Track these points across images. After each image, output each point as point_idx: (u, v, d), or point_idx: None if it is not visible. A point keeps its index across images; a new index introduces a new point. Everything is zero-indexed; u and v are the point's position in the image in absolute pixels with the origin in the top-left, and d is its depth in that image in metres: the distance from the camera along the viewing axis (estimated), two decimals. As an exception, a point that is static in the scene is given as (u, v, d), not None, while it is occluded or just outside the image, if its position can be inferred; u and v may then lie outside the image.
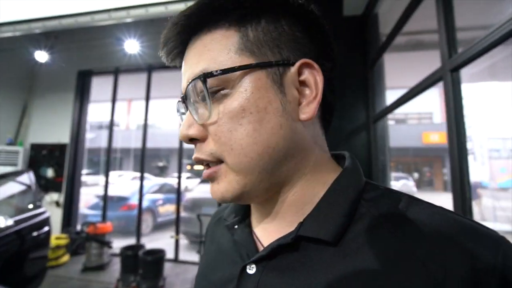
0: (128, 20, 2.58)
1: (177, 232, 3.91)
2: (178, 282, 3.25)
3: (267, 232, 0.35)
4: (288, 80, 0.30)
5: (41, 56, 3.88)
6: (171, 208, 6.50)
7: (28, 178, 2.49)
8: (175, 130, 12.71)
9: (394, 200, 0.30)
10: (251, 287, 0.31)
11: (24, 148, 4.28)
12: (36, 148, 4.38)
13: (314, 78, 0.31)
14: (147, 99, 4.40)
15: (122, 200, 5.62)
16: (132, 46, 3.55)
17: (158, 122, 14.48)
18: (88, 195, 6.18)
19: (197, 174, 12.50)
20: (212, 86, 0.29)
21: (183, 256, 3.97)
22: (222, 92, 0.29)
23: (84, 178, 5.65)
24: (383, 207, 0.30)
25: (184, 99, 0.33)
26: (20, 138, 4.43)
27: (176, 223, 4.01)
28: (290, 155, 0.30)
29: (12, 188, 2.43)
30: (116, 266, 3.55)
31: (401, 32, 1.68)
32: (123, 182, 7.68)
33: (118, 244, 3.82)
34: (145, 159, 4.37)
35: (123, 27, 3.41)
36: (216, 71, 0.29)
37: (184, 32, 0.32)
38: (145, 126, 4.38)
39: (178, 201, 4.18)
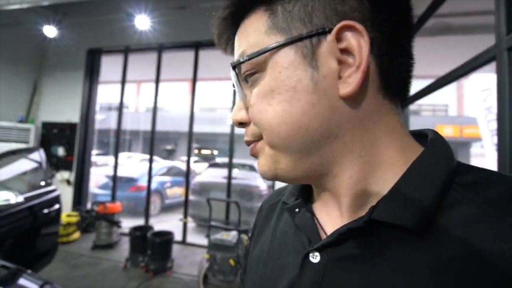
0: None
1: (185, 215, 3.92)
2: (185, 264, 3.28)
3: (330, 217, 0.32)
4: (324, 51, 0.27)
5: (50, 31, 3.79)
6: (178, 190, 6.55)
7: (38, 155, 2.48)
8: (184, 113, 12.70)
9: (508, 186, 0.25)
10: (315, 278, 0.28)
11: (36, 126, 4.29)
12: (47, 127, 4.39)
13: (358, 42, 0.26)
14: (157, 80, 4.31)
15: (131, 181, 5.68)
16: (142, 22, 3.42)
17: (167, 105, 14.45)
18: (98, 175, 6.27)
19: (205, 158, 12.56)
20: (247, 70, 0.30)
21: (190, 238, 4.00)
22: (256, 75, 0.29)
23: (94, 158, 5.71)
24: (491, 194, 0.25)
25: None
26: (31, 116, 4.44)
27: (185, 206, 4.02)
28: (332, 135, 0.28)
29: (23, 165, 2.42)
30: (125, 246, 3.60)
31: (434, 15, 1.51)
32: (132, 164, 7.75)
33: (127, 224, 3.86)
34: (154, 142, 4.35)
35: (133, 1, 3.27)
36: (243, 57, 0.29)
37: (229, 18, 0.32)
38: (154, 109, 4.31)
39: (187, 184, 4.17)
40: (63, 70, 4.53)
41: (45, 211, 2.26)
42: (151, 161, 4.27)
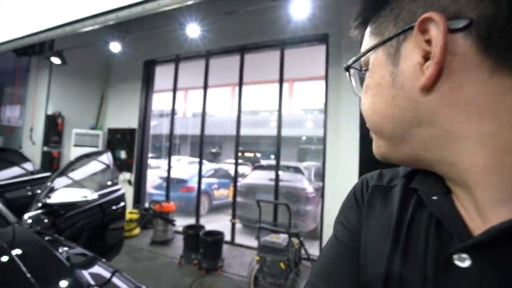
0: (190, 1, 2.59)
1: (234, 216, 4.00)
2: (235, 264, 3.34)
3: (466, 211, 0.27)
4: (409, 46, 0.28)
5: (115, 47, 4.24)
6: (225, 192, 6.75)
7: (107, 158, 2.76)
8: (227, 117, 13.12)
9: None
10: None
11: (103, 132, 4.84)
12: (112, 132, 4.92)
13: (436, 33, 0.26)
14: (205, 86, 4.51)
15: (181, 182, 6.03)
16: (193, 30, 3.61)
17: (211, 110, 15.11)
18: (153, 176, 6.79)
19: (248, 160, 12.78)
20: (361, 68, 0.35)
21: (238, 239, 4.07)
22: (366, 73, 0.34)
23: (148, 161, 6.20)
24: None
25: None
26: (100, 123, 5.03)
27: (233, 207, 4.11)
28: (424, 123, 0.28)
29: (95, 166, 2.73)
30: (179, 243, 3.82)
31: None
32: (182, 166, 8.25)
33: (180, 222, 4.09)
34: (203, 145, 4.55)
35: (185, 11, 3.48)
36: (352, 62, 0.36)
37: (358, 27, 0.37)
38: (203, 114, 4.52)
39: (235, 186, 4.26)
40: (124, 81, 5.04)
41: (113, 207, 2.50)
42: (200, 163, 4.47)
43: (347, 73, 0.37)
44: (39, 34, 3.58)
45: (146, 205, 4.60)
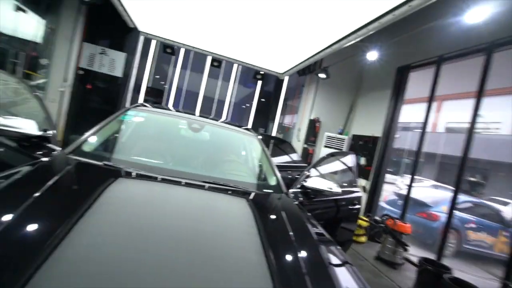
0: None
1: (508, 277, 2.70)
2: None
3: None
4: None
5: (371, 55, 4.40)
6: (487, 238, 4.85)
7: (351, 159, 2.92)
8: (506, 137, 9.27)
9: None
10: None
11: (348, 137, 5.27)
12: (355, 138, 5.21)
13: None
14: (480, 92, 3.42)
15: (421, 206, 5.11)
16: (472, 17, 2.83)
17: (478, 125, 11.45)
18: (385, 191, 6.38)
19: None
20: None
21: (507, 314, 2.71)
22: None
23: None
24: None
25: None
26: (346, 129, 5.53)
27: (510, 266, 2.77)
28: None
29: (339, 164, 2.99)
30: (408, 273, 3.26)
31: None
32: (423, 188, 7.02)
33: (413, 251, 3.48)
34: (464, 170, 3.51)
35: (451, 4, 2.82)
36: None
37: None
38: (470, 129, 3.46)
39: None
40: (373, 90, 5.13)
41: (350, 207, 2.60)
42: (456, 191, 3.49)
43: None
44: (315, 55, 4.54)
45: (377, 217, 4.40)
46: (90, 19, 4.89)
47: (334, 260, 1.14)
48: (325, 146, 5.31)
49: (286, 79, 7.15)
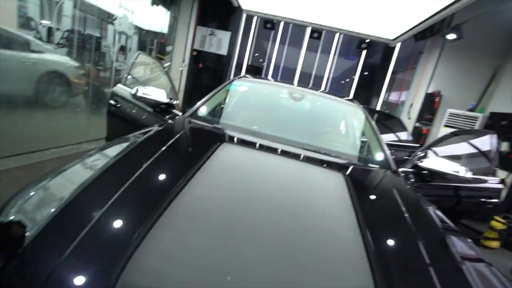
0: None
1: None
2: None
3: None
4: None
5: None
6: None
7: (489, 141, 2.26)
8: None
9: None
10: None
11: (483, 115, 4.10)
12: (495, 117, 4.01)
13: None
14: None
15: None
16: None
17: None
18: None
19: None
20: None
21: None
22: None
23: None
24: None
25: None
26: (481, 105, 4.31)
27: None
28: None
29: (470, 146, 2.38)
30: None
31: None
32: None
33: None
34: None
35: None
36: None
37: None
38: None
39: None
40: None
41: (481, 199, 2.06)
42: None
43: None
44: (443, 11, 3.61)
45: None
46: (202, 4, 5.43)
47: (466, 255, 0.91)
48: (446, 126, 4.33)
49: (397, 46, 6.12)
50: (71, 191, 0.76)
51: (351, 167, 1.45)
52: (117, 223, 0.68)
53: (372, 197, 1.19)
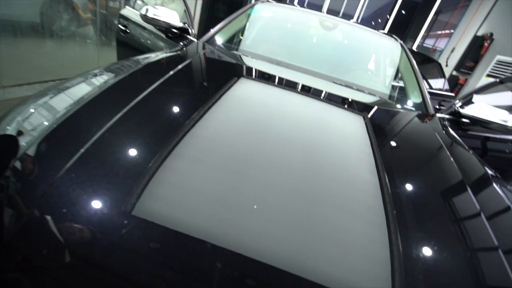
0: None
1: None
2: None
3: None
4: None
5: None
6: None
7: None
8: None
9: None
10: None
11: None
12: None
13: None
14: None
15: None
16: None
17: None
18: None
19: None
20: None
21: None
22: None
23: None
24: None
25: None
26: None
27: None
28: None
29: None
30: None
31: None
32: None
33: None
34: None
35: None
36: None
37: None
38: None
39: None
40: None
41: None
42: None
43: None
44: None
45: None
46: None
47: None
48: (489, 75, 3.86)
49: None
50: (76, 108, 0.68)
51: (383, 106, 1.31)
52: (127, 142, 0.61)
53: (419, 138, 1.10)
